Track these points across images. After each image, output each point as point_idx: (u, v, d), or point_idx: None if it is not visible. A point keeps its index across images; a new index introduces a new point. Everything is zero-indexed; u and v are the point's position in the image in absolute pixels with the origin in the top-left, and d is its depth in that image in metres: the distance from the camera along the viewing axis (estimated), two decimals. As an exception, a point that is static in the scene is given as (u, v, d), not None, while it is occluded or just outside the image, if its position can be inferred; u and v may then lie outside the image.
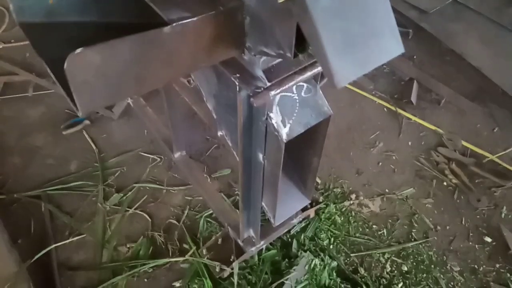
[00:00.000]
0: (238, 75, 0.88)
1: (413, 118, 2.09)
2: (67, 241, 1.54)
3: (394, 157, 1.93)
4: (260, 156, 1.06)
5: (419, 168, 1.90)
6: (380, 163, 1.90)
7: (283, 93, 0.93)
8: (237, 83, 0.88)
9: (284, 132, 0.94)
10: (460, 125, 2.07)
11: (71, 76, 0.58)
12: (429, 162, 1.92)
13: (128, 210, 1.65)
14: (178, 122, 1.58)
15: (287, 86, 0.88)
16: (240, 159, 1.07)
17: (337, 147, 1.93)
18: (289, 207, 1.27)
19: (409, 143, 1.99)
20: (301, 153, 1.18)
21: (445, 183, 1.85)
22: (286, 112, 0.95)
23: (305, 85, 0.98)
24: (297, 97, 0.97)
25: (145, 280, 1.48)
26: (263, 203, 1.23)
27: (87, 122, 1.91)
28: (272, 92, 0.86)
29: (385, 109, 2.12)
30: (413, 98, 2.17)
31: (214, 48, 0.78)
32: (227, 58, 0.86)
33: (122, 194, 1.69)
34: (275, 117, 0.94)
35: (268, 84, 0.87)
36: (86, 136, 1.83)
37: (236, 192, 1.71)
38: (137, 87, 0.70)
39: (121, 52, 0.62)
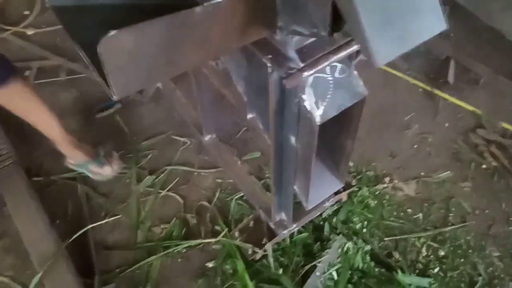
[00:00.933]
0: (269, 56, 0.86)
1: (450, 99, 2.00)
2: (103, 221, 1.58)
3: (429, 139, 1.86)
4: (293, 139, 1.04)
5: (456, 151, 1.83)
6: (415, 146, 1.84)
7: (316, 74, 0.90)
8: (268, 65, 0.86)
9: (318, 115, 0.91)
10: (500, 106, 1.97)
11: (105, 60, 0.57)
12: (467, 144, 1.84)
13: (161, 192, 1.67)
14: (207, 105, 1.58)
15: (321, 67, 0.85)
16: (271, 143, 1.06)
17: (369, 129, 1.87)
18: (321, 191, 1.25)
19: (446, 124, 1.91)
20: (334, 136, 1.15)
21: (484, 166, 1.78)
22: (320, 93, 0.92)
23: (339, 65, 0.94)
24: (331, 78, 0.93)
25: (179, 260, 1.51)
26: (295, 187, 1.21)
27: (118, 105, 1.94)
28: (306, 73, 0.83)
29: (420, 89, 2.04)
30: (450, 78, 2.07)
31: (245, 28, 0.76)
32: (258, 39, 0.84)
33: (154, 177, 1.72)
34: (308, 99, 0.91)
35: (301, 65, 0.84)
36: (119, 119, 1.86)
37: (267, 175, 1.71)
38: (168, 70, 0.69)
39: (153, 34, 0.61)
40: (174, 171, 1.74)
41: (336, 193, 1.51)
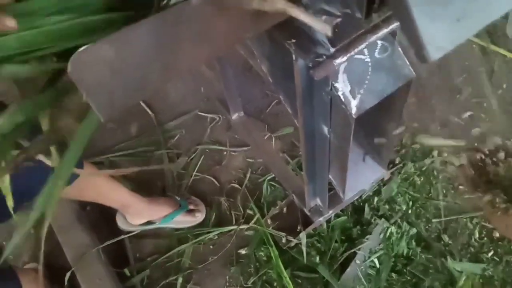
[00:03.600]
0: (293, 40, 0.71)
1: (509, 55, 1.75)
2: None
3: (485, 104, 1.64)
4: (325, 129, 0.90)
5: (517, 116, 1.61)
6: (468, 113, 1.63)
7: (352, 57, 0.75)
8: (292, 51, 0.71)
9: (354, 105, 0.77)
10: None
11: (79, 80, 0.46)
12: (529, 108, 1.62)
13: (197, 175, 1.59)
14: (232, 79, 1.44)
15: (356, 50, 0.69)
16: (301, 132, 0.93)
17: (415, 95, 1.68)
18: (360, 179, 1.12)
19: (504, 86, 1.68)
20: (375, 119, 1.00)
21: (548, 133, 1.56)
22: (356, 79, 0.77)
23: (379, 42, 0.78)
24: (369, 59, 0.78)
25: (211, 247, 1.45)
26: (330, 176, 1.09)
27: (143, 82, 1.84)
28: (338, 61, 0.68)
29: (474, 45, 1.79)
30: (509, 30, 1.80)
31: (259, 11, 0.61)
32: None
33: (186, 158, 1.64)
34: (342, 88, 0.76)
35: (332, 50, 0.69)
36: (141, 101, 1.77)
37: (301, 153, 1.58)
38: (167, 75, 0.57)
39: (138, 40, 0.48)
40: (204, 151, 1.65)
41: (377, 174, 1.37)
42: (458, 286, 1.28)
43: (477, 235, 1.39)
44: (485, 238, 1.39)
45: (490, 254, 1.36)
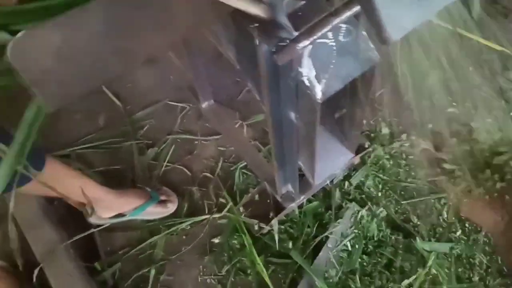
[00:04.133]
0: (256, 24, 0.69)
1: (474, 37, 1.78)
2: (104, 201, 1.50)
3: (452, 87, 1.68)
4: (292, 115, 0.90)
5: (482, 98, 1.65)
6: (435, 95, 1.66)
7: (316, 41, 0.74)
8: (255, 35, 0.70)
9: (319, 90, 0.76)
10: (533, 42, 1.75)
11: (21, 66, 0.43)
12: (493, 89, 1.66)
13: (168, 166, 1.56)
14: (201, 67, 1.42)
15: (320, 33, 0.68)
16: (268, 119, 0.91)
17: (383, 80, 1.69)
18: (329, 164, 1.12)
19: (470, 69, 1.71)
20: (342, 103, 1.00)
21: (513, 114, 1.61)
22: (321, 64, 0.76)
23: (343, 26, 0.77)
24: (334, 43, 0.77)
25: (184, 237, 1.44)
26: (299, 162, 1.09)
27: (109, 71, 1.78)
28: (301, 44, 0.67)
29: (440, 29, 1.81)
30: (474, 12, 1.83)
31: (219, -6, 0.59)
32: (241, 3, 0.67)
33: (156, 148, 1.61)
34: (307, 72, 0.76)
35: (295, 33, 0.68)
36: (106, 90, 1.71)
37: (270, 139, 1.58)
38: (124, 62, 0.54)
39: (89, 24, 0.46)
40: (175, 141, 1.62)
41: (347, 159, 1.38)
42: (428, 266, 1.31)
43: (445, 215, 1.43)
44: (454, 218, 1.42)
45: (458, 233, 1.40)
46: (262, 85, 0.82)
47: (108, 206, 1.37)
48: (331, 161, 1.12)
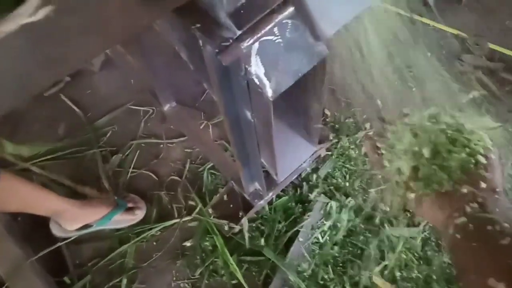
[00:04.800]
0: (198, 25, 0.68)
1: (432, 23, 1.81)
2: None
3: (412, 73, 1.70)
4: (248, 114, 0.89)
5: (441, 82, 1.68)
6: (397, 82, 1.68)
7: (262, 38, 0.73)
8: (198, 36, 0.68)
9: (270, 88, 0.76)
10: (486, 25, 1.80)
11: None
12: (451, 73, 1.68)
13: (134, 172, 1.53)
14: (159, 69, 1.40)
15: (264, 31, 0.67)
16: (225, 119, 0.91)
17: (344, 71, 1.70)
18: (292, 159, 1.12)
19: (428, 54, 1.74)
20: (299, 99, 1.00)
21: (471, 96, 1.64)
22: (270, 61, 0.75)
23: (289, 21, 0.77)
24: (281, 40, 0.76)
25: (154, 243, 1.41)
26: (262, 160, 1.09)
27: (67, 78, 1.73)
28: (245, 44, 0.66)
29: (397, 17, 1.83)
30: (430, -2, 1.87)
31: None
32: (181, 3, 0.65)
33: (121, 155, 1.57)
34: (256, 71, 0.75)
35: (238, 32, 0.67)
36: (65, 98, 1.66)
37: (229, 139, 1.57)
38: (53, 73, 0.52)
39: (6, 39, 0.43)
40: (139, 146, 1.59)
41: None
42: (397, 251, 1.33)
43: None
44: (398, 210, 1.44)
45: (424, 217, 1.42)
46: (213, 86, 0.81)
47: (73, 218, 1.34)
48: (294, 156, 1.13)
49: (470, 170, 0.50)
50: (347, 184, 1.47)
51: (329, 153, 1.51)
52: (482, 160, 0.50)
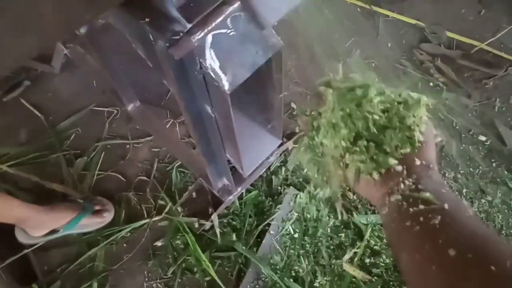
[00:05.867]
0: (147, 19, 0.67)
1: (391, 14, 1.86)
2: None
3: (373, 64, 1.74)
4: (208, 109, 0.88)
5: (402, 72, 1.72)
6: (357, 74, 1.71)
7: (214, 32, 0.73)
8: (147, 31, 0.67)
9: (226, 82, 0.76)
10: (443, 14, 1.85)
11: None
12: (412, 62, 1.74)
13: (101, 174, 1.50)
14: (122, 69, 1.37)
15: (215, 23, 0.67)
16: (186, 117, 0.90)
17: (308, 64, 1.72)
18: (257, 153, 1.13)
19: (389, 44, 1.78)
20: (258, 92, 1.00)
21: (431, 84, 1.69)
22: (224, 54, 0.75)
23: (242, 14, 0.77)
24: (234, 33, 0.76)
25: (124, 245, 1.39)
26: (227, 155, 1.08)
27: (27, 82, 1.68)
28: (196, 37, 0.66)
29: (358, 9, 1.87)
30: (390, -11, 1.91)
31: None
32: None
33: (86, 158, 1.54)
34: (211, 64, 0.75)
35: (188, 25, 0.66)
36: (25, 102, 1.61)
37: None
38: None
39: None
40: (105, 148, 1.56)
41: (280, 145, 1.39)
42: (366, 238, 1.36)
43: (378, 188, 1.49)
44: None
45: (391, 203, 1.46)
46: (170, 82, 0.80)
47: (39, 224, 1.30)
48: (259, 150, 1.13)
49: (406, 146, 0.49)
50: (316, 175, 1.48)
51: (297, 145, 1.52)
52: (419, 136, 0.50)
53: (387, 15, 1.85)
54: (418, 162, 0.48)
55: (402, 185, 0.46)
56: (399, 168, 0.48)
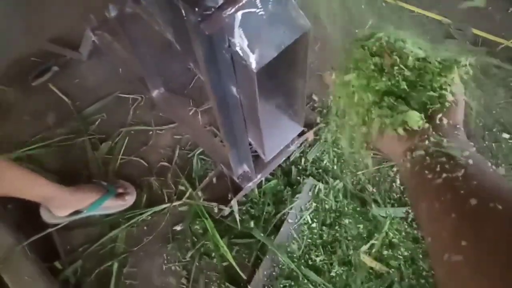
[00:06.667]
0: (180, -5, 0.70)
1: (416, 9, 1.85)
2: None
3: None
4: (234, 89, 0.90)
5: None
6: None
7: (244, 10, 0.74)
8: (181, 6, 0.70)
9: (253, 60, 0.77)
10: (469, 11, 1.83)
11: None
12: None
13: (124, 158, 1.53)
14: (147, 57, 1.40)
15: (245, 1, 0.69)
16: (211, 98, 0.92)
17: (330, 56, 1.72)
18: (279, 139, 1.14)
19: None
20: (283, 76, 1.02)
21: (455, 80, 1.67)
22: (253, 33, 0.77)
23: (271, -5, 0.78)
24: (263, 12, 0.78)
25: (145, 228, 1.42)
26: (250, 139, 1.10)
27: (55, 68, 1.74)
28: (227, 12, 0.67)
29: (383, 3, 1.86)
30: (415, -15, 1.90)
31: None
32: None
33: (110, 142, 1.58)
34: (240, 42, 0.76)
35: (220, 1, 0.68)
36: (53, 87, 1.66)
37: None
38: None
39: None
40: (129, 133, 1.60)
41: (300, 135, 1.40)
42: (384, 230, 1.35)
43: (398, 182, 1.48)
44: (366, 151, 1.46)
45: (411, 197, 1.45)
46: (198, 60, 0.82)
47: (63, 204, 1.34)
48: (280, 135, 1.14)
49: (435, 103, 0.49)
50: (335, 167, 1.49)
51: (317, 137, 1.53)
52: (449, 95, 0.50)
53: (413, 10, 1.84)
54: (445, 121, 0.48)
55: (427, 142, 0.46)
56: (426, 125, 0.48)
